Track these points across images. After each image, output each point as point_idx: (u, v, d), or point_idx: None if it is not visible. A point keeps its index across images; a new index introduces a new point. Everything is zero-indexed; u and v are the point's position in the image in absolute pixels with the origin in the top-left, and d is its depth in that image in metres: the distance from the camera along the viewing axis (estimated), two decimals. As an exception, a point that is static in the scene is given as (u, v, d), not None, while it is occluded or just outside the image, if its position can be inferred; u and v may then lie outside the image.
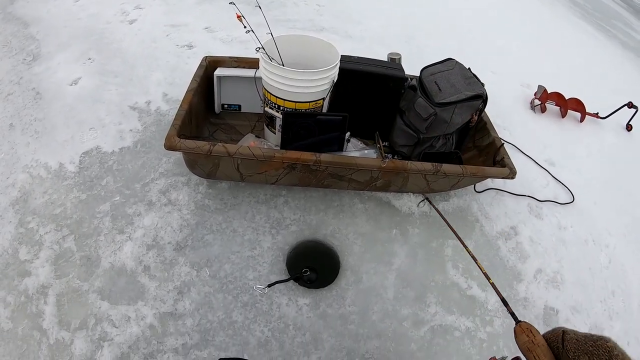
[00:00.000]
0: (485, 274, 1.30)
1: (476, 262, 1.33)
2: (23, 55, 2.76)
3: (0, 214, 1.93)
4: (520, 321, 1.06)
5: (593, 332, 1.97)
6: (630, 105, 3.19)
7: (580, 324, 2.05)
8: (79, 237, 1.82)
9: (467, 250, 1.41)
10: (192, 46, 2.88)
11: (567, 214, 2.50)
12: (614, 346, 0.90)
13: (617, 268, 2.36)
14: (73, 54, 2.66)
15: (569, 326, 1.98)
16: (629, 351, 1.65)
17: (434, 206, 1.61)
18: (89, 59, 2.63)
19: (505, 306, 1.15)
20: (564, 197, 2.58)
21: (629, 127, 3.37)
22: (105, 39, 2.83)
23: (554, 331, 1.00)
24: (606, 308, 2.17)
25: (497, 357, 1.10)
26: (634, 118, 3.34)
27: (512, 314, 1.11)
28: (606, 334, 1.98)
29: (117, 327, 1.61)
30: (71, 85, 2.43)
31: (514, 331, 1.04)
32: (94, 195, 1.96)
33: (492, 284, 1.26)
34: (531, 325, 1.03)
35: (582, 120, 3.18)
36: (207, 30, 3.10)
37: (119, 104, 2.36)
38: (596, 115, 3.22)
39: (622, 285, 2.29)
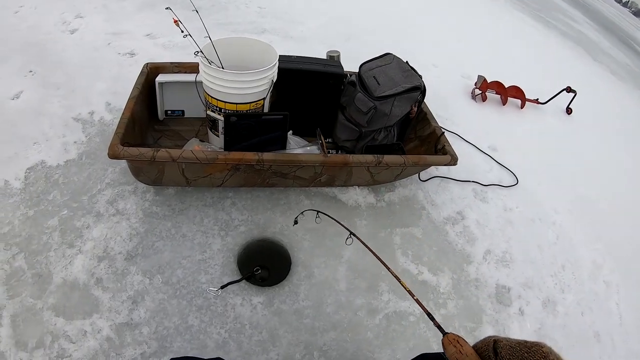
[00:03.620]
0: (409, 291, 1.26)
1: (400, 282, 1.31)
2: None
3: None
4: (447, 333, 1.04)
5: (546, 306, 2.08)
6: (568, 89, 3.36)
7: (533, 299, 2.15)
8: (29, 254, 1.77)
9: (390, 272, 1.39)
10: (134, 54, 2.85)
11: (512, 196, 2.61)
12: (549, 351, 0.88)
13: (565, 243, 2.49)
14: (13, 66, 2.58)
15: (522, 302, 2.09)
16: (584, 320, 1.74)
17: (361, 241, 1.61)
18: (30, 71, 2.56)
19: (432, 320, 1.13)
20: (508, 180, 2.70)
21: (568, 111, 3.55)
22: (46, 50, 2.76)
23: (485, 340, 0.99)
24: (557, 282, 2.28)
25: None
26: (573, 102, 3.51)
27: (439, 327, 1.09)
28: (559, 306, 2.11)
29: (74, 343, 1.57)
30: (13, 99, 2.36)
31: (442, 343, 1.03)
32: (42, 210, 1.91)
33: (417, 300, 1.23)
34: (458, 336, 1.02)
35: (522, 106, 3.33)
36: (148, 37, 3.07)
37: (62, 116, 2.31)
38: (536, 101, 3.37)
39: (571, 259, 2.42)
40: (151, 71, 2.19)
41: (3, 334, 1.57)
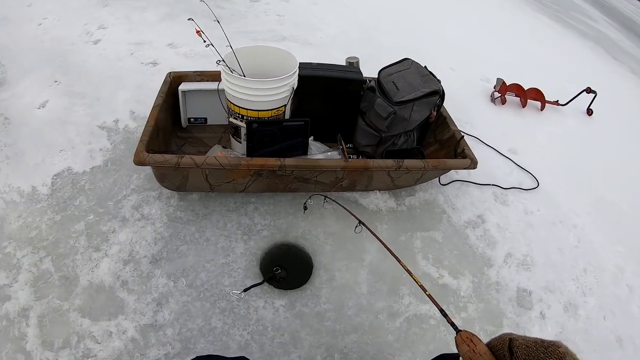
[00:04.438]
0: (421, 286, 1.25)
1: (412, 277, 1.31)
2: None
3: None
4: (460, 330, 1.01)
5: (568, 310, 2.06)
6: (588, 90, 3.33)
7: (554, 303, 2.13)
8: (56, 257, 1.84)
9: (402, 265, 1.38)
10: (156, 63, 2.92)
11: (533, 199, 2.60)
12: (566, 351, 0.85)
13: (586, 246, 2.46)
14: (39, 77, 2.67)
15: (543, 306, 2.07)
16: (606, 324, 1.72)
17: (369, 229, 1.63)
18: (55, 81, 2.65)
19: (445, 317, 1.11)
20: (529, 183, 2.68)
21: (589, 112, 3.51)
22: (70, 60, 2.85)
23: (500, 338, 0.95)
24: (579, 285, 2.25)
25: None
26: (593, 102, 3.47)
27: (452, 324, 1.06)
28: (580, 310, 2.09)
29: (99, 343, 1.63)
30: (39, 108, 2.45)
31: (455, 341, 0.99)
32: (68, 215, 1.98)
33: (429, 296, 1.21)
34: (472, 334, 0.98)
35: (542, 108, 3.30)
36: (170, 46, 3.14)
37: (88, 124, 2.39)
38: (556, 102, 3.34)
39: (593, 262, 2.39)
40: (174, 80, 2.25)
41: (30, 333, 1.63)
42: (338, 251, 2.04)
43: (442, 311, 1.14)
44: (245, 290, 1.81)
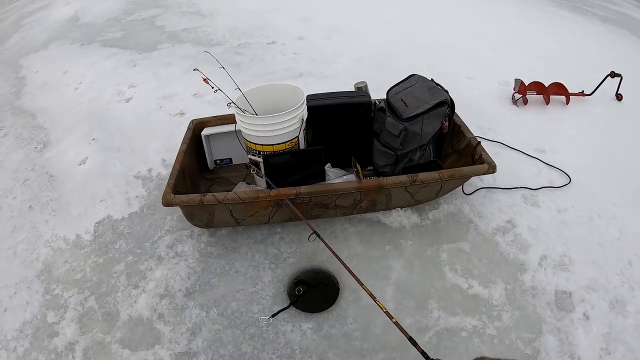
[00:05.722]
0: (387, 313, 1.25)
1: (375, 300, 1.32)
2: (34, 144, 3.16)
3: (28, 285, 2.18)
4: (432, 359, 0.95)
5: (614, 307, 1.96)
6: (612, 74, 3.19)
7: (599, 301, 2.03)
8: (99, 296, 2.05)
9: (363, 288, 1.40)
10: (183, 113, 3.16)
11: (565, 196, 2.50)
12: None
13: (629, 238, 2.31)
14: (79, 136, 2.99)
15: (586, 306, 2.00)
16: None
17: (322, 240, 1.66)
18: (94, 139, 2.95)
19: (415, 346, 1.08)
20: (560, 180, 2.60)
21: (619, 97, 3.34)
22: (105, 118, 3.16)
23: None
24: (625, 280, 2.12)
25: None
26: (621, 87, 3.31)
27: (423, 353, 1.04)
28: (629, 306, 2.02)
29: None
30: (80, 164, 2.74)
31: None
32: (110, 258, 2.20)
33: (396, 323, 1.21)
34: None
35: (567, 102, 3.21)
36: (195, 96, 3.39)
37: (124, 174, 2.63)
38: (581, 93, 3.24)
39: (638, 253, 2.24)
40: (197, 126, 2.42)
41: None
42: (363, 271, 2.07)
43: (410, 339, 1.15)
44: (273, 316, 1.88)
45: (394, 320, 1.20)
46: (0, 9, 7.82)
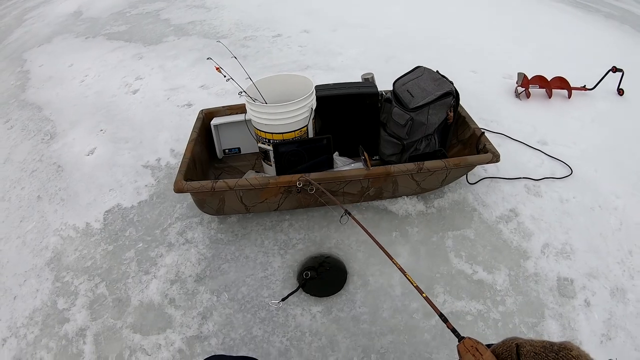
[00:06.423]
0: (417, 287, 1.19)
1: (406, 276, 1.28)
2: (41, 135, 3.20)
3: (38, 273, 2.21)
4: (463, 337, 0.93)
5: (615, 295, 2.00)
6: (614, 69, 3.23)
7: (600, 289, 2.08)
8: (109, 283, 2.08)
9: (394, 263, 1.34)
10: (191, 104, 3.19)
11: (567, 187, 2.55)
12: (578, 354, 0.77)
13: (629, 228, 2.36)
14: (86, 128, 3.02)
15: (587, 293, 2.05)
16: None
17: (355, 219, 1.68)
18: (101, 130, 2.98)
19: (445, 322, 1.04)
20: (562, 171, 2.64)
21: (620, 92, 3.38)
22: (112, 110, 3.19)
23: (505, 344, 0.88)
24: (625, 269, 2.17)
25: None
26: (622, 82, 3.36)
27: (454, 331, 0.99)
28: (629, 294, 2.06)
29: (149, 355, 1.81)
30: (88, 155, 2.77)
31: (458, 350, 0.92)
32: (120, 245, 2.23)
33: (426, 298, 1.14)
34: (477, 342, 0.91)
35: (569, 96, 3.25)
36: (202, 88, 3.42)
37: (133, 165, 2.66)
38: (584, 88, 3.28)
39: (638, 243, 2.29)
40: (206, 116, 2.46)
41: (87, 350, 1.85)
42: (371, 257, 2.12)
43: (441, 316, 1.08)
44: (283, 300, 1.92)
45: (424, 295, 1.17)
46: (3, 3, 7.83)
